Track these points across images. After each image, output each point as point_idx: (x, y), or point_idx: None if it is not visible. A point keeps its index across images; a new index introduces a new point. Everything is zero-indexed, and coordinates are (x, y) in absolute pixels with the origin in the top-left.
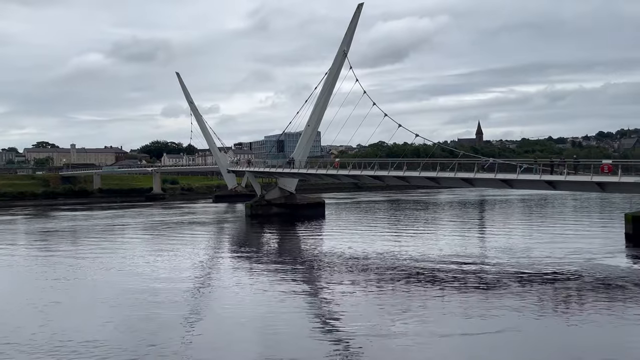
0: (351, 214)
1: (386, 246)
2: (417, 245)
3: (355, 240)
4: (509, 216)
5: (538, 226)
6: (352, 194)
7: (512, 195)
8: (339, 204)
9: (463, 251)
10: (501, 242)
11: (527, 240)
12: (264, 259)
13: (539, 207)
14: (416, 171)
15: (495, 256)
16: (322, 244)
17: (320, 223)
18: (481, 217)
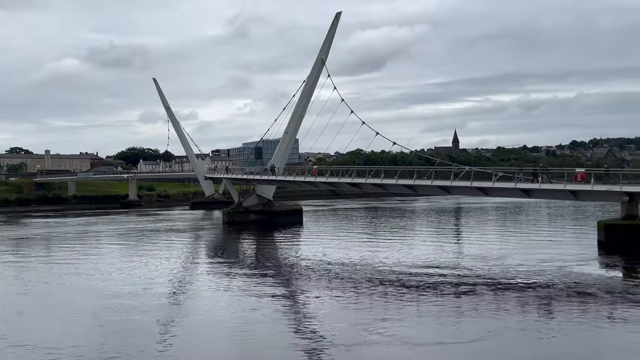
0: (328, 221)
1: (362, 253)
2: (392, 252)
3: (332, 247)
4: (484, 224)
5: (513, 234)
6: (329, 202)
7: (487, 203)
8: (316, 211)
9: (438, 259)
10: (476, 249)
11: (501, 248)
12: (240, 266)
13: (514, 214)
14: (393, 179)
15: (471, 264)
16: (299, 251)
17: (297, 230)
18: (457, 224)
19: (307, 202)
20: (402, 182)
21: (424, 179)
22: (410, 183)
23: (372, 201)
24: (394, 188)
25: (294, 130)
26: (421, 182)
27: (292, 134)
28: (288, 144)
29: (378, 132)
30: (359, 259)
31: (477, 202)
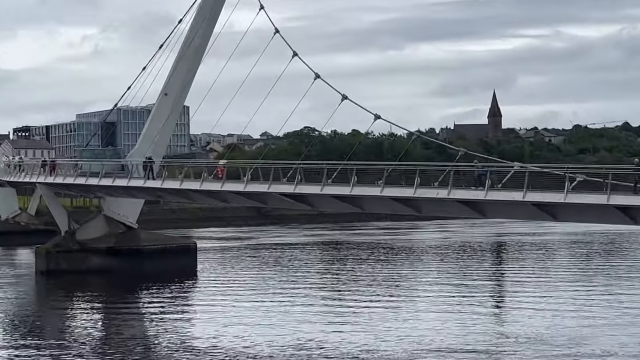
0: (247, 270)
1: (303, 338)
2: (357, 337)
3: (248, 327)
4: (549, 276)
5: (600, 296)
6: (252, 230)
7: (555, 233)
8: (224, 249)
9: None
10: (531, 324)
11: (578, 322)
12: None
13: (608, 257)
14: (374, 186)
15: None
16: (181, 336)
17: (184, 288)
18: (495, 276)
19: (208, 231)
20: (390, 192)
21: (433, 186)
22: (406, 195)
23: (334, 229)
24: (376, 204)
25: (180, 91)
26: (428, 192)
27: (176, 97)
28: (169, 117)
29: (346, 96)
30: (295, 351)
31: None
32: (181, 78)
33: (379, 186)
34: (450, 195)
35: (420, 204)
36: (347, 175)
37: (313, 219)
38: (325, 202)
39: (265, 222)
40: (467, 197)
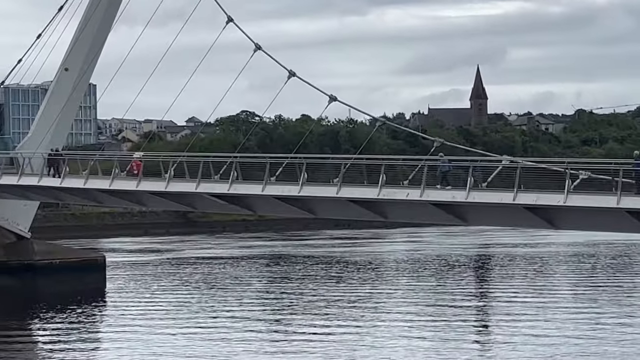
0: (167, 291)
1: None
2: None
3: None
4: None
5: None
6: (176, 240)
7: (555, 243)
8: (141, 264)
9: None
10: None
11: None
12: None
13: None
14: (329, 185)
15: None
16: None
17: (89, 312)
18: (480, 303)
19: (120, 242)
20: (349, 193)
21: (402, 185)
22: (368, 197)
23: (278, 239)
24: (331, 208)
25: (84, 66)
26: (396, 193)
27: (80, 73)
28: (71, 98)
29: (294, 73)
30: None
31: (529, 241)
32: (86, 49)
33: (335, 185)
34: (423, 197)
35: (386, 207)
36: (295, 171)
37: (253, 226)
38: (267, 205)
39: (192, 230)
40: (444, 199)
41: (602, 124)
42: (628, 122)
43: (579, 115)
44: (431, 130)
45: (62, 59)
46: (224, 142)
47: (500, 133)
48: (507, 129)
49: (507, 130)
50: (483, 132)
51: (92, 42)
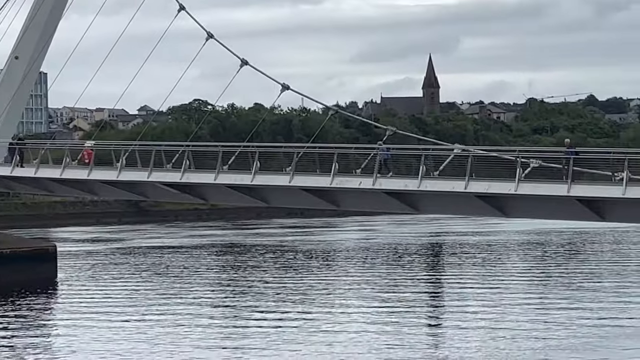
0: (120, 281)
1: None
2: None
3: (120, 354)
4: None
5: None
6: (128, 229)
7: (506, 230)
8: (93, 253)
9: None
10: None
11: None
12: None
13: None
14: (282, 174)
15: None
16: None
17: (38, 303)
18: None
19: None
20: (302, 182)
21: (355, 174)
22: (321, 186)
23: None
24: (284, 197)
25: (35, 54)
26: (348, 181)
27: (30, 61)
28: (21, 86)
29: (246, 61)
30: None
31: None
32: (36, 37)
33: (288, 174)
34: (375, 186)
35: (338, 196)
36: (248, 160)
37: (205, 215)
38: (220, 194)
39: (144, 219)
40: (396, 188)
41: (553, 113)
42: (579, 110)
43: (530, 104)
44: (384, 119)
45: (12, 47)
46: (176, 131)
47: (452, 122)
48: (459, 118)
49: (459, 119)
50: (435, 121)
51: (42, 30)
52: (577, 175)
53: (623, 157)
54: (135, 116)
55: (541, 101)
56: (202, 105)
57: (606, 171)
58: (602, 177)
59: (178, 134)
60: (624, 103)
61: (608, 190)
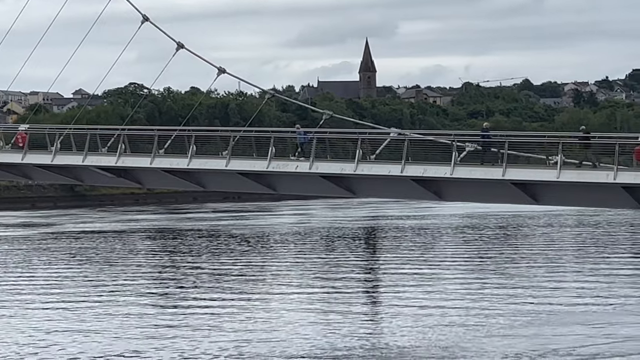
0: (52, 266)
1: (118, 351)
2: (190, 346)
3: (49, 340)
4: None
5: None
6: (63, 214)
7: (443, 213)
8: (25, 238)
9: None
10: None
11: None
12: None
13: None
14: (218, 158)
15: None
16: None
17: None
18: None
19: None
20: (238, 166)
21: (291, 158)
22: (257, 170)
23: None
24: (221, 181)
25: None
26: (285, 165)
27: None
28: None
29: (182, 45)
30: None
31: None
32: None
33: (224, 158)
34: (312, 170)
35: (275, 180)
36: (184, 144)
37: (142, 199)
38: (156, 179)
39: (80, 203)
40: (332, 172)
41: (489, 97)
42: (514, 95)
43: (467, 89)
44: (320, 103)
45: None
46: (112, 115)
47: (388, 106)
48: (396, 102)
49: (395, 103)
50: (372, 105)
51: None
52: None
53: (557, 141)
54: (70, 100)
55: (477, 85)
56: (138, 89)
57: (541, 155)
58: (536, 161)
59: (114, 117)
60: (559, 87)
61: (542, 173)
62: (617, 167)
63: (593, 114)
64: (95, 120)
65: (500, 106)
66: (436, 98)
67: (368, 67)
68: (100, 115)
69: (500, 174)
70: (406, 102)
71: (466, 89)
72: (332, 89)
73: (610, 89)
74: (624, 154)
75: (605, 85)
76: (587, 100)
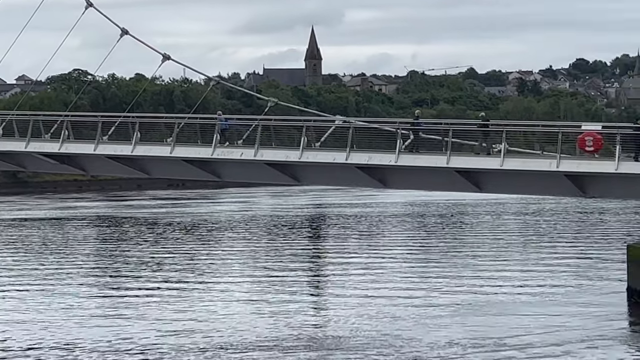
0: (2, 253)
1: (61, 338)
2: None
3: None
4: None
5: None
6: (3, 200)
7: (386, 203)
8: None
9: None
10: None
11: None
12: None
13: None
14: (163, 145)
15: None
16: None
17: None
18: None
19: None
20: (183, 153)
21: (236, 145)
22: (202, 157)
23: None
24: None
25: None
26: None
27: None
28: None
29: (127, 31)
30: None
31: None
32: None
33: (169, 145)
34: (257, 157)
35: (220, 167)
36: (128, 131)
37: (85, 186)
38: (99, 165)
39: (23, 190)
40: (277, 159)
41: (434, 85)
42: (459, 83)
43: (412, 77)
44: (266, 90)
45: None
46: (55, 101)
47: (334, 93)
48: (341, 90)
49: (341, 91)
50: (317, 93)
51: None
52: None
53: (501, 129)
54: (13, 85)
55: (422, 74)
56: (82, 75)
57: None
58: (480, 149)
59: (57, 103)
60: (503, 76)
61: (486, 162)
62: (560, 155)
63: (537, 102)
64: (38, 107)
65: (445, 94)
66: (382, 86)
67: (314, 54)
68: (43, 101)
69: (445, 162)
70: (352, 90)
71: (411, 78)
72: (278, 77)
73: (554, 77)
74: (567, 142)
75: (549, 74)
76: (531, 89)
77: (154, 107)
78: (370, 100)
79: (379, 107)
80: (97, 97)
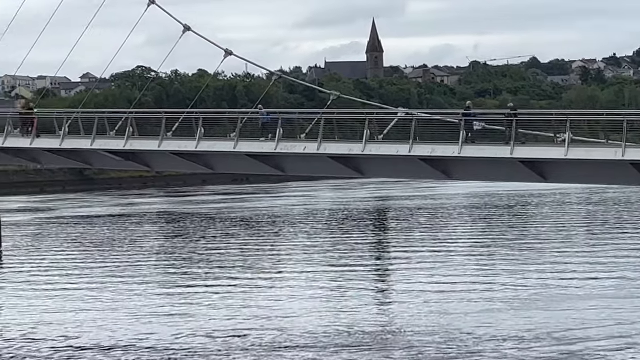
0: (65, 250)
1: (140, 334)
2: (208, 327)
3: (68, 323)
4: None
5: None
6: (72, 198)
7: (450, 195)
8: (35, 222)
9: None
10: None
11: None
12: None
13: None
14: (226, 140)
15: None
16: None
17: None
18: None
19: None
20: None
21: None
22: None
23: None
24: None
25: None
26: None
27: None
28: None
29: (189, 27)
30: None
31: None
32: None
33: (232, 140)
34: (320, 150)
35: (284, 161)
36: (192, 127)
37: (150, 182)
38: (164, 161)
39: (89, 187)
40: (341, 152)
41: (496, 76)
42: (521, 73)
43: (474, 67)
44: (328, 83)
45: None
46: (120, 98)
47: (396, 86)
48: (403, 82)
49: (403, 83)
50: (379, 85)
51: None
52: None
53: (565, 118)
54: (78, 84)
55: (484, 64)
56: (145, 72)
57: (549, 133)
58: (544, 139)
59: (121, 101)
60: (567, 65)
61: (550, 151)
62: (626, 143)
63: (601, 91)
64: (103, 104)
65: (508, 85)
66: (444, 77)
67: (375, 47)
68: (108, 98)
69: (509, 153)
70: (414, 82)
71: (474, 68)
72: (340, 70)
73: (618, 65)
74: (632, 130)
75: (613, 62)
76: (595, 77)
77: (217, 102)
78: (432, 92)
79: (441, 98)
80: (160, 94)
